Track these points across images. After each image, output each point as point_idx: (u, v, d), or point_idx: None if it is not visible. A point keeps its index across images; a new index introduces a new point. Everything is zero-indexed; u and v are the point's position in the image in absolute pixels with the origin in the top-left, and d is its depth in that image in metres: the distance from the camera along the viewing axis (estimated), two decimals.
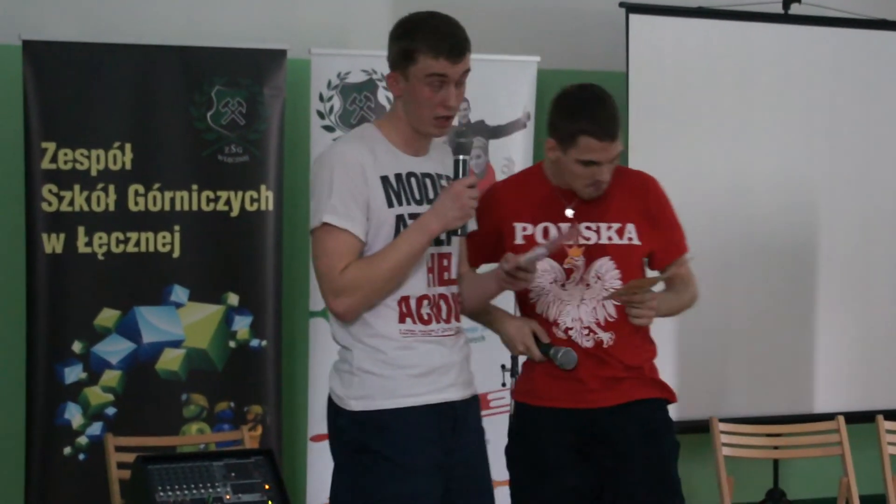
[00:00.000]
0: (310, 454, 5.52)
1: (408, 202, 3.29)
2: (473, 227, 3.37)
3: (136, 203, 5.34)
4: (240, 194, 5.47)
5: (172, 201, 5.39)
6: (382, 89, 5.53)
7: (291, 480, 5.54)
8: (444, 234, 3.28)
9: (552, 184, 3.66)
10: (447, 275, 3.36)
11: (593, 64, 6.16)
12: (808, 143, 6.20)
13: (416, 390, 3.26)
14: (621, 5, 5.87)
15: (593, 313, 3.60)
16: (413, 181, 3.32)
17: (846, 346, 6.27)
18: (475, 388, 3.43)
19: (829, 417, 5.51)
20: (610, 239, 3.63)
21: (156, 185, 5.37)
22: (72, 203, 5.25)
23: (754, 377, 6.13)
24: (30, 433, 5.21)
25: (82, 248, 5.26)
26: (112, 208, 5.31)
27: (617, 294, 3.58)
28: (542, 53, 5.93)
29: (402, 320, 3.27)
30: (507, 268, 3.37)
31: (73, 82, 5.25)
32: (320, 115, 5.56)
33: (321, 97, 5.56)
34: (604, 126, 3.51)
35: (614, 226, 3.64)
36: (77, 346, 5.25)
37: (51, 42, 5.27)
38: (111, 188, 5.30)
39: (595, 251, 3.62)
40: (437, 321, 3.32)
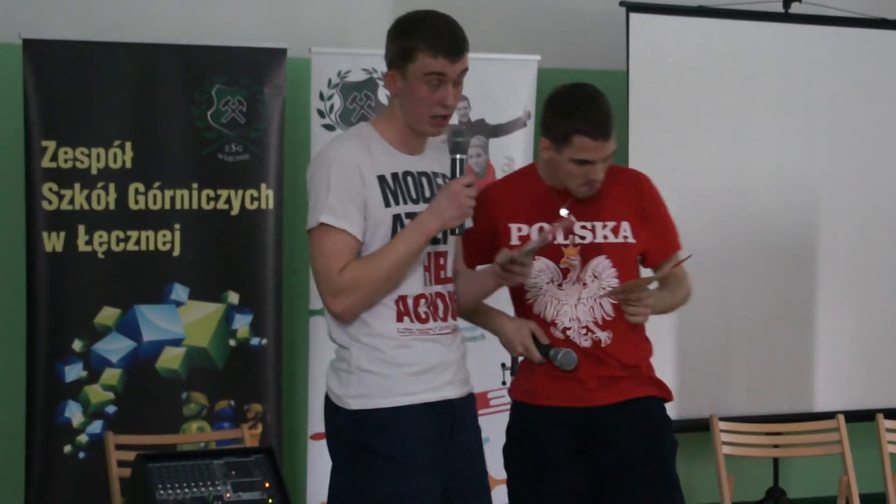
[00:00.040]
0: (310, 452, 5.52)
1: (405, 201, 3.29)
2: (471, 225, 3.36)
3: (137, 201, 5.34)
4: (240, 193, 5.47)
5: (173, 200, 5.39)
6: (383, 88, 5.53)
7: (291, 479, 5.54)
8: (440, 233, 3.28)
9: (546, 184, 3.67)
10: (444, 273, 3.36)
11: (593, 63, 6.16)
12: (809, 142, 6.20)
13: (415, 388, 3.26)
14: (622, 4, 5.86)
15: (591, 312, 3.60)
16: (410, 180, 3.32)
17: (846, 345, 6.27)
18: (472, 386, 3.44)
19: (830, 416, 5.52)
20: (605, 238, 3.63)
21: (156, 184, 5.37)
22: (72, 201, 5.25)
23: (754, 376, 6.13)
24: (30, 431, 5.21)
25: (82, 247, 5.26)
26: (112, 207, 5.31)
27: (614, 293, 3.59)
28: (542, 52, 5.93)
29: (399, 319, 3.27)
30: (500, 260, 3.37)
31: (73, 81, 5.25)
32: (321, 113, 5.56)
33: (321, 96, 5.56)
34: (598, 125, 3.52)
35: (609, 224, 3.64)
36: (77, 345, 5.25)
37: (51, 41, 5.26)
38: (111, 187, 5.31)
39: (591, 250, 3.62)
40: (435, 319, 3.32)
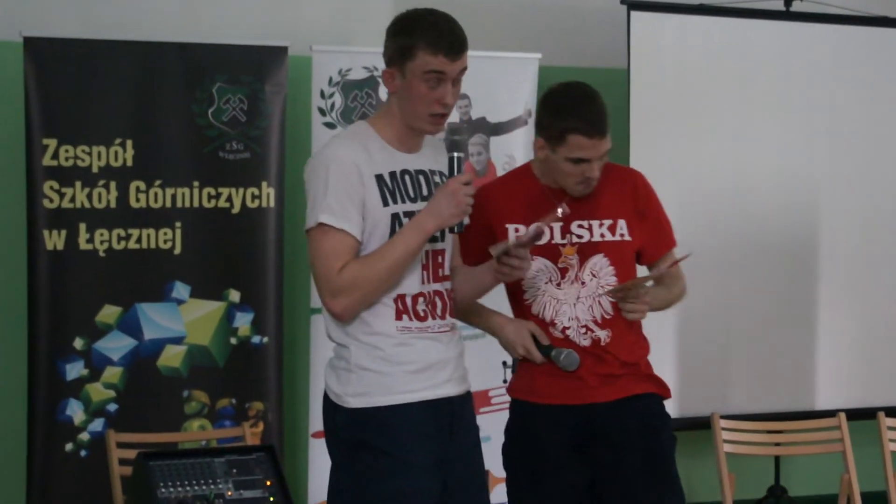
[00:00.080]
0: (311, 450, 5.52)
1: (402, 200, 3.29)
2: (468, 223, 3.36)
3: (138, 200, 5.34)
4: (241, 191, 5.47)
5: (174, 198, 5.39)
6: (384, 86, 5.52)
7: (293, 477, 5.54)
8: (438, 231, 3.28)
9: (541, 183, 3.67)
10: (441, 271, 3.37)
11: (594, 61, 6.16)
12: (809, 140, 6.19)
13: (414, 386, 3.27)
14: (622, 2, 5.85)
15: (590, 311, 3.61)
16: (407, 179, 3.32)
17: (847, 344, 6.26)
18: (469, 383, 3.44)
19: (831, 414, 5.52)
20: (602, 236, 3.64)
21: (157, 182, 5.37)
22: (73, 200, 5.25)
23: (756, 374, 6.12)
24: (31, 430, 5.21)
25: (83, 245, 5.26)
26: (113, 205, 5.31)
27: (613, 292, 3.59)
28: (543, 50, 5.92)
29: (398, 317, 3.27)
30: (495, 252, 3.36)
31: (74, 79, 5.25)
32: (321, 111, 5.56)
33: (322, 94, 5.56)
34: (593, 123, 3.52)
35: (606, 222, 3.65)
36: (78, 343, 5.25)
37: (52, 39, 5.26)
38: (112, 185, 5.30)
39: (588, 249, 3.62)
40: (433, 318, 3.32)
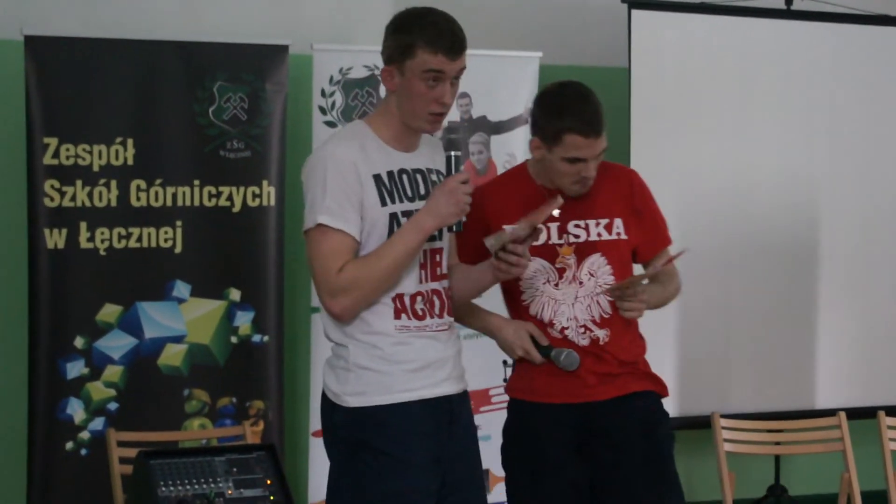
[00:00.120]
0: (311, 449, 5.52)
1: (400, 199, 3.29)
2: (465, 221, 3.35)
3: (138, 198, 5.34)
4: (242, 190, 5.47)
5: (174, 197, 5.39)
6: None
7: (293, 475, 5.54)
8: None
9: (537, 183, 3.67)
10: (439, 270, 3.37)
11: (595, 60, 6.16)
12: (810, 139, 6.19)
13: (413, 385, 3.27)
14: (623, 1, 5.85)
15: (588, 311, 3.61)
16: (405, 178, 3.32)
17: (847, 343, 6.26)
18: (466, 382, 3.44)
19: (831, 413, 5.52)
20: (599, 235, 3.64)
21: (158, 181, 5.37)
22: (74, 198, 5.25)
23: (756, 373, 6.13)
24: (32, 428, 5.21)
25: (84, 244, 5.26)
26: (114, 204, 5.30)
27: (610, 290, 3.60)
28: (543, 49, 5.92)
29: (397, 316, 3.27)
30: (489, 243, 3.35)
31: (75, 78, 5.25)
32: (322, 110, 5.56)
33: (323, 93, 5.56)
34: (589, 123, 3.52)
35: (602, 221, 3.65)
36: (79, 342, 5.25)
37: (53, 37, 5.26)
38: (113, 183, 5.30)
39: (586, 248, 3.62)
40: (431, 316, 3.32)
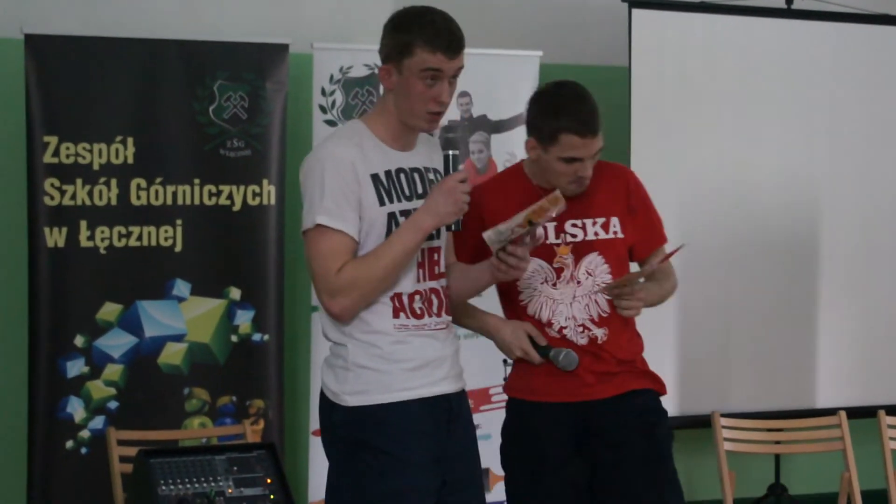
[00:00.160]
0: (311, 448, 5.52)
1: (398, 199, 3.29)
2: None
3: (139, 197, 5.34)
4: (242, 189, 5.47)
5: (174, 195, 5.39)
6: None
7: (293, 474, 5.54)
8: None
9: (533, 183, 3.67)
10: (437, 269, 3.37)
11: (595, 59, 6.16)
12: (810, 139, 6.19)
13: (412, 384, 3.27)
14: (623, 0, 5.86)
15: (586, 310, 3.61)
16: (402, 177, 3.32)
17: (848, 342, 6.26)
18: (464, 381, 3.44)
19: (831, 412, 5.51)
20: (596, 234, 3.64)
21: (158, 180, 5.37)
22: (74, 197, 5.25)
23: (756, 372, 6.12)
24: (32, 427, 5.21)
25: (84, 243, 5.26)
26: (114, 202, 5.30)
27: (608, 288, 3.60)
28: (544, 48, 5.92)
29: (395, 315, 3.27)
30: (487, 237, 3.34)
31: (75, 76, 5.25)
32: (322, 109, 5.56)
33: (323, 91, 5.56)
34: (585, 122, 3.52)
35: (599, 220, 3.66)
36: (79, 340, 5.25)
37: (53, 36, 5.26)
38: (113, 182, 5.30)
39: (583, 248, 3.63)
40: (430, 315, 3.32)
